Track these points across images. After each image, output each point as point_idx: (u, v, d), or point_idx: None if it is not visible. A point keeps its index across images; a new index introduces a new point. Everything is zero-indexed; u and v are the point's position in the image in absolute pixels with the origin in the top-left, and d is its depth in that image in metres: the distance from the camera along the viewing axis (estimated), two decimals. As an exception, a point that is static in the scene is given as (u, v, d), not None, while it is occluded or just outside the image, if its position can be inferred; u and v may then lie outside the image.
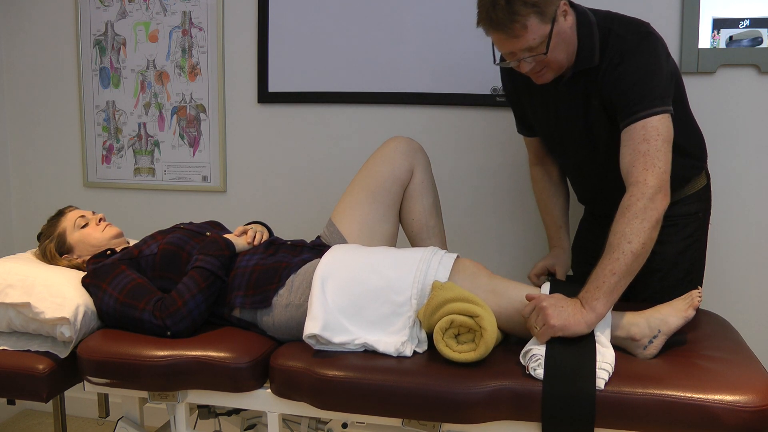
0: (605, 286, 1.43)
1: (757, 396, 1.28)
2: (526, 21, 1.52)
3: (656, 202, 1.46)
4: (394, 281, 1.56)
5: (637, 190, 1.47)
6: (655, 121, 1.51)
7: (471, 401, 1.37)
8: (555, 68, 1.64)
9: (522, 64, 1.62)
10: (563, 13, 1.58)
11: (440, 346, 1.45)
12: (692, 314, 1.47)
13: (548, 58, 1.59)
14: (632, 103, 1.54)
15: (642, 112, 1.52)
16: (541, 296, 1.48)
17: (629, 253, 1.43)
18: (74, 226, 1.91)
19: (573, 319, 1.42)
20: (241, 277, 1.71)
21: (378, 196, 1.87)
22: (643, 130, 1.51)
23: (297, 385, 1.49)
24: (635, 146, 1.51)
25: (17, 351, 1.66)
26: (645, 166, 1.48)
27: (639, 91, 1.54)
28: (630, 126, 1.54)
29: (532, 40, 1.55)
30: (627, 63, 1.57)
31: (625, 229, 1.44)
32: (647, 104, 1.53)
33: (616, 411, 1.32)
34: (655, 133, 1.50)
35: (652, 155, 1.49)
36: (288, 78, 2.51)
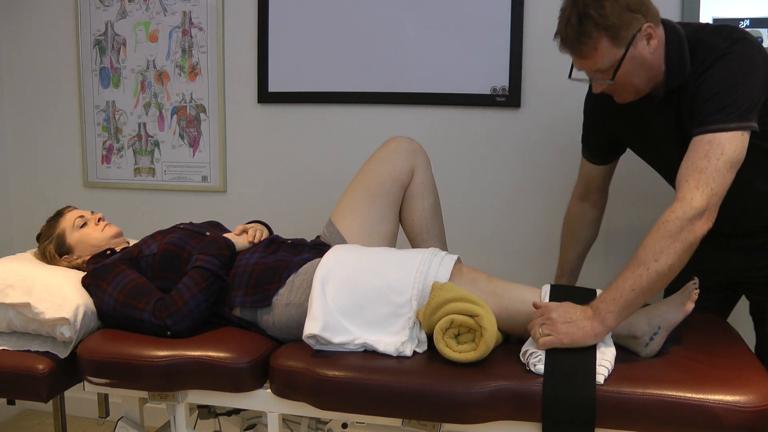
0: (622, 300, 1.39)
1: (757, 396, 1.28)
2: (597, 43, 1.47)
3: (696, 225, 1.37)
4: (395, 282, 1.56)
5: (680, 207, 1.38)
6: (723, 138, 1.40)
7: (471, 401, 1.37)
8: (631, 91, 1.57)
9: (594, 83, 1.57)
10: (646, 37, 1.50)
11: (440, 346, 1.45)
12: (691, 308, 1.47)
13: (621, 82, 1.53)
14: (706, 113, 1.43)
15: (712, 125, 1.41)
16: (550, 305, 1.46)
17: (653, 272, 1.37)
18: (73, 227, 1.91)
19: (581, 332, 1.40)
20: (242, 276, 1.71)
21: (378, 196, 1.87)
22: (707, 146, 1.40)
23: (297, 385, 1.49)
24: (694, 160, 1.41)
25: (17, 351, 1.66)
26: (697, 184, 1.38)
27: (717, 101, 1.43)
28: (697, 137, 1.43)
29: (601, 63, 1.50)
30: (714, 68, 1.46)
31: (655, 246, 1.38)
32: (721, 117, 1.41)
33: (616, 411, 1.32)
34: (719, 152, 1.39)
35: (708, 174, 1.38)
36: (288, 78, 2.51)
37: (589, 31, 1.46)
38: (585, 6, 1.47)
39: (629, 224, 2.25)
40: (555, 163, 2.32)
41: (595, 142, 1.84)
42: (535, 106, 2.32)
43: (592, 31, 1.46)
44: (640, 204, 1.99)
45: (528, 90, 2.32)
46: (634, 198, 2.19)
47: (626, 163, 1.90)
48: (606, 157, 1.84)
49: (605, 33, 1.46)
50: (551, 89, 2.28)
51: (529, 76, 2.31)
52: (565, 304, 1.46)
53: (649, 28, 1.49)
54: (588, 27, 1.46)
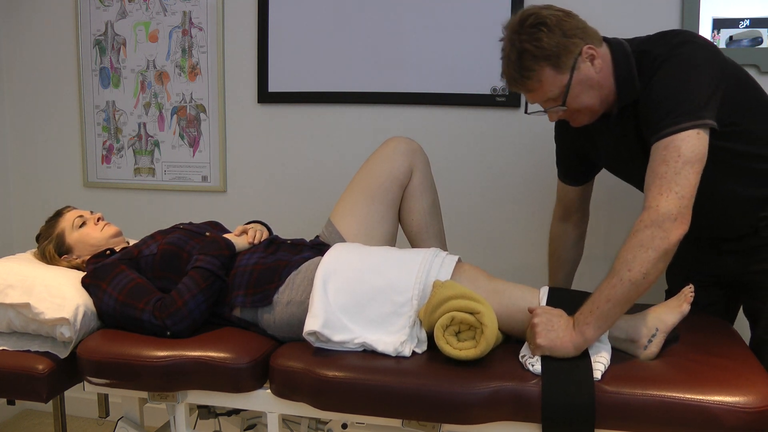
0: (598, 311, 1.38)
1: (757, 397, 1.28)
2: (540, 75, 1.49)
3: (667, 231, 1.35)
4: (396, 281, 1.56)
5: (647, 215, 1.37)
6: (677, 139, 1.39)
7: (471, 402, 1.37)
8: (587, 113, 1.58)
9: (549, 114, 1.58)
10: (588, 59, 1.51)
11: (441, 343, 1.45)
12: (687, 309, 1.47)
13: (573, 107, 1.54)
14: (657, 119, 1.43)
15: (664, 129, 1.40)
16: (538, 311, 1.45)
17: (627, 282, 1.36)
18: (72, 227, 1.91)
19: (560, 342, 1.39)
20: (242, 276, 1.71)
21: (377, 196, 1.87)
22: (664, 150, 1.40)
23: (297, 386, 1.49)
24: (654, 167, 1.41)
25: (17, 351, 1.66)
26: (660, 189, 1.37)
27: (665, 106, 1.42)
28: (653, 145, 1.42)
29: (549, 92, 1.52)
30: (656, 76, 1.46)
31: (627, 256, 1.37)
32: (672, 120, 1.40)
33: (616, 412, 1.32)
34: (676, 154, 1.38)
35: (669, 178, 1.37)
36: (288, 78, 2.51)
37: (530, 65, 1.49)
38: (521, 42, 1.49)
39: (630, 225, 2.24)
40: (555, 163, 2.32)
41: (567, 164, 1.86)
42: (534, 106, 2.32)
43: (532, 64, 1.49)
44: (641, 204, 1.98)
45: (528, 90, 2.32)
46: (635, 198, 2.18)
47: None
48: (579, 178, 1.86)
49: (546, 63, 1.49)
50: (551, 89, 2.28)
51: (529, 76, 2.31)
52: (553, 311, 1.45)
53: (590, 49, 1.51)
54: (527, 61, 1.49)
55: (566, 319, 1.43)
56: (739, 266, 1.68)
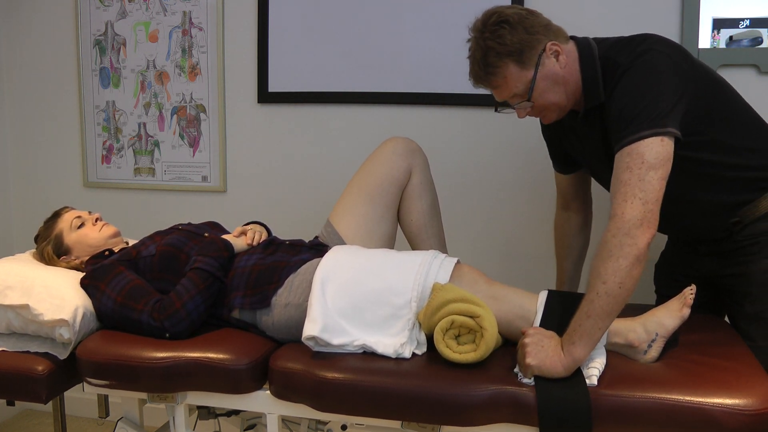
0: (581, 329, 1.36)
1: (757, 399, 1.28)
2: (504, 71, 1.52)
3: (635, 237, 1.34)
4: (395, 284, 1.56)
5: (614, 224, 1.37)
6: (641, 146, 1.38)
7: (470, 404, 1.37)
8: (554, 110, 1.59)
9: (517, 110, 1.60)
10: (553, 54, 1.53)
11: (440, 347, 1.45)
12: (687, 313, 1.47)
13: (539, 103, 1.56)
14: (619, 129, 1.43)
15: (627, 137, 1.40)
16: (530, 331, 1.44)
17: (604, 295, 1.34)
18: (71, 227, 1.90)
19: (550, 361, 1.38)
20: (240, 277, 1.71)
21: (376, 197, 1.87)
22: (627, 158, 1.39)
23: (296, 387, 1.49)
24: (618, 175, 1.40)
25: (16, 352, 1.66)
26: (624, 197, 1.37)
27: (627, 115, 1.43)
28: (617, 153, 1.42)
29: (515, 88, 1.54)
30: (618, 86, 1.48)
31: (599, 268, 1.36)
32: (634, 128, 1.40)
33: (614, 414, 1.32)
34: (639, 161, 1.38)
35: (632, 185, 1.37)
36: (288, 78, 2.51)
37: (494, 62, 1.52)
38: (484, 40, 1.52)
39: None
40: (555, 163, 2.32)
41: (554, 155, 1.89)
42: (535, 107, 2.32)
43: (497, 60, 1.51)
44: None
45: (528, 90, 2.32)
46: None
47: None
48: (568, 168, 1.88)
49: (510, 59, 1.51)
50: (551, 89, 2.28)
51: (529, 77, 2.31)
52: (544, 333, 1.44)
53: (554, 45, 1.53)
54: (491, 58, 1.52)
55: (556, 341, 1.41)
56: (718, 267, 1.69)
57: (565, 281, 1.96)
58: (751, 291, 1.63)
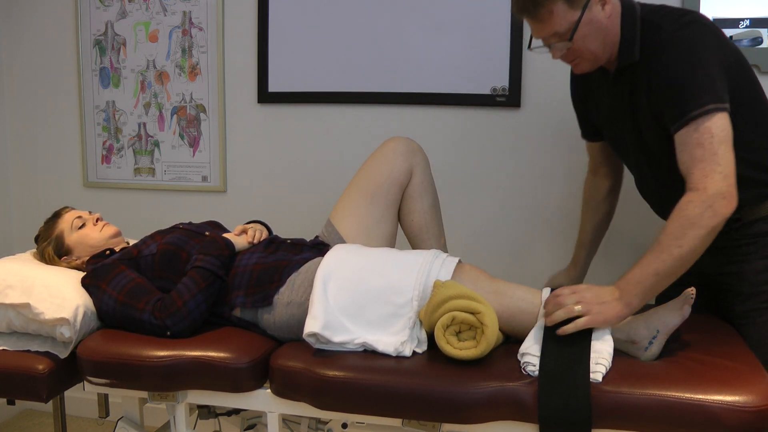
0: (646, 283, 1.43)
1: (757, 396, 1.28)
2: (552, 6, 1.50)
3: (717, 209, 1.39)
4: (396, 282, 1.56)
5: (697, 196, 1.41)
6: (707, 121, 1.41)
7: (470, 401, 1.37)
8: (589, 58, 1.59)
9: (552, 50, 1.58)
10: (600, 2, 1.53)
11: (441, 343, 1.45)
12: (688, 311, 1.47)
13: (578, 47, 1.55)
14: (681, 103, 1.45)
15: (692, 112, 1.43)
16: (580, 286, 1.48)
17: (678, 258, 1.40)
18: (71, 228, 1.90)
19: (613, 313, 1.43)
20: (242, 276, 1.71)
21: (376, 196, 1.87)
22: (695, 133, 1.42)
23: (297, 386, 1.49)
24: (690, 153, 1.43)
25: (17, 351, 1.66)
26: (704, 172, 1.41)
27: (688, 88, 1.44)
28: (681, 130, 1.45)
29: (558, 26, 1.52)
30: (669, 54, 1.48)
31: (677, 232, 1.40)
32: (697, 103, 1.43)
33: (615, 411, 1.32)
34: (708, 135, 1.41)
35: (708, 160, 1.40)
36: (288, 78, 2.51)
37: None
38: None
39: (630, 225, 2.25)
40: (555, 163, 2.32)
41: (582, 120, 1.91)
42: (535, 106, 2.33)
43: None
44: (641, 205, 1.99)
45: (528, 90, 2.32)
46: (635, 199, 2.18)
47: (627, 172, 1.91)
48: (595, 135, 1.89)
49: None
50: (551, 89, 2.28)
51: (529, 76, 2.31)
52: (590, 286, 1.48)
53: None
54: None
55: (610, 291, 1.46)
56: (713, 264, 1.68)
57: (585, 242, 1.98)
58: (742, 290, 1.65)
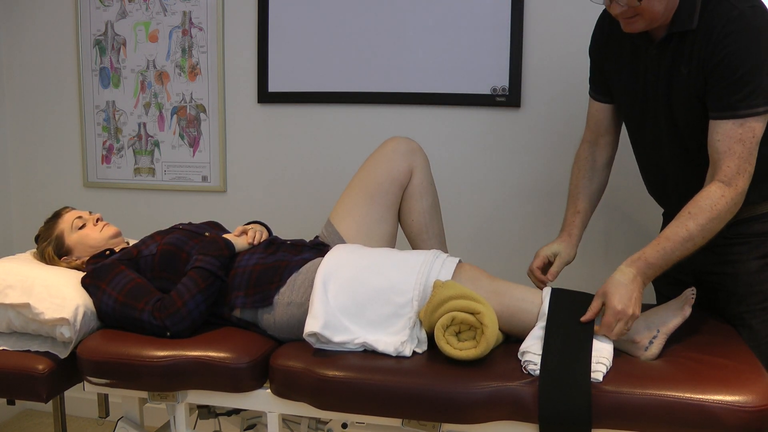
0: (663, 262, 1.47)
1: (757, 396, 1.28)
2: None
3: (737, 207, 1.47)
4: (396, 282, 1.56)
5: (730, 193, 1.45)
6: (753, 121, 1.44)
7: (471, 401, 1.37)
8: (648, 18, 1.50)
9: (614, 4, 1.51)
10: None
11: (441, 344, 1.45)
12: (689, 312, 1.48)
13: (644, 6, 1.47)
14: (734, 95, 1.44)
15: (744, 110, 1.43)
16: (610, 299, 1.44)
17: (700, 242, 1.46)
18: (72, 228, 1.90)
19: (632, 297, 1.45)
20: (241, 276, 1.71)
21: (376, 197, 1.87)
22: (740, 129, 1.44)
23: (297, 385, 1.50)
24: (731, 145, 1.45)
25: (17, 351, 1.66)
26: (738, 169, 1.44)
27: (746, 84, 1.43)
28: (726, 120, 1.45)
29: None
30: (737, 39, 1.43)
31: (708, 225, 1.44)
32: (752, 102, 1.43)
33: (615, 411, 1.32)
34: (751, 135, 1.44)
35: (744, 159, 1.44)
36: (288, 78, 2.51)
37: None
38: None
39: (629, 225, 2.25)
40: (555, 163, 2.32)
41: (596, 77, 1.81)
42: (535, 106, 2.33)
43: None
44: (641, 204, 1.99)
45: (528, 90, 2.32)
46: (635, 199, 2.19)
47: (626, 164, 1.90)
48: (604, 93, 1.80)
49: None
50: (551, 89, 2.28)
51: (529, 76, 2.31)
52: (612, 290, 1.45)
53: None
54: None
55: (631, 280, 1.46)
56: (705, 263, 1.69)
57: (580, 210, 1.82)
58: (737, 291, 1.65)
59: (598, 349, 1.41)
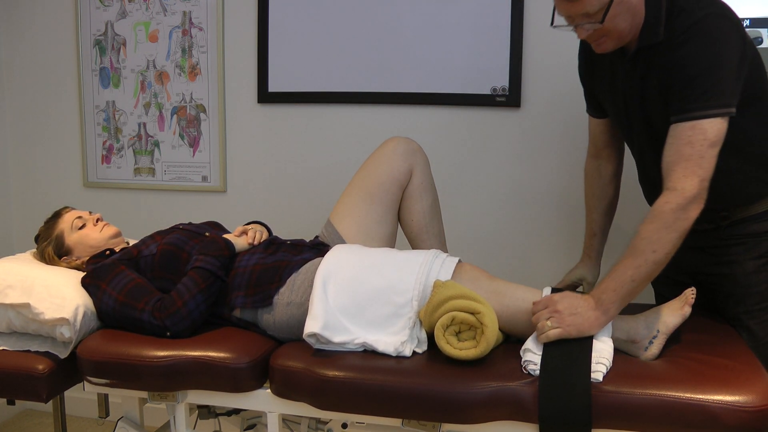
0: (623, 290, 1.42)
1: (757, 396, 1.28)
2: None
3: (689, 212, 1.40)
4: (396, 282, 1.56)
5: (674, 197, 1.41)
6: (705, 123, 1.41)
7: (470, 401, 1.37)
8: (615, 38, 1.53)
9: (579, 29, 1.54)
10: None
11: (441, 343, 1.45)
12: (688, 311, 1.48)
13: (607, 27, 1.50)
14: (687, 98, 1.43)
15: (694, 111, 1.42)
16: (554, 297, 1.47)
17: (652, 263, 1.40)
18: (72, 228, 1.90)
19: (587, 323, 1.42)
20: (241, 276, 1.71)
21: (376, 197, 1.87)
22: (690, 131, 1.42)
23: (297, 386, 1.50)
24: (679, 147, 1.43)
25: (17, 351, 1.66)
26: (685, 172, 1.41)
27: (698, 86, 1.43)
28: (679, 123, 1.44)
29: (590, 7, 1.48)
30: (692, 44, 1.44)
31: (652, 237, 1.40)
32: (702, 104, 1.42)
33: (615, 411, 1.32)
34: (702, 137, 1.41)
35: (693, 161, 1.40)
36: (288, 78, 2.51)
37: None
38: None
39: (629, 225, 2.25)
40: (555, 163, 2.32)
41: (589, 94, 1.85)
42: (535, 106, 2.33)
43: None
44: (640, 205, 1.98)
45: (528, 90, 2.32)
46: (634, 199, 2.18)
47: (625, 163, 1.90)
48: (600, 110, 1.84)
49: None
50: (551, 89, 2.28)
51: (529, 76, 2.31)
52: (567, 295, 1.47)
53: None
54: None
55: (584, 300, 1.45)
56: (701, 264, 1.69)
57: (596, 231, 1.90)
58: (734, 292, 1.65)
59: (598, 350, 1.42)
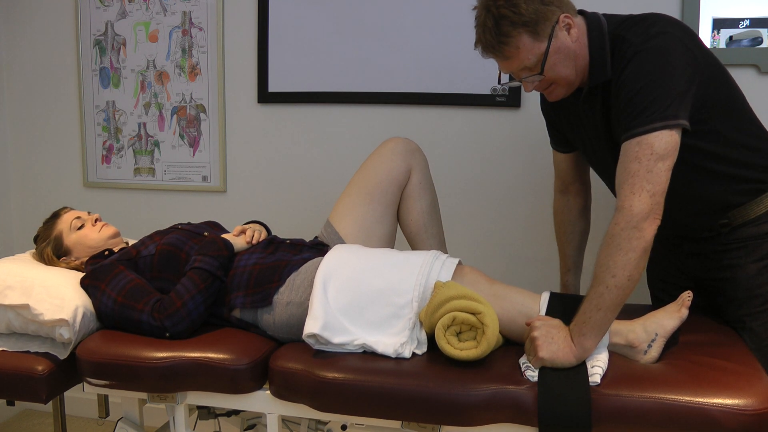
0: (591, 321, 1.39)
1: (757, 399, 1.28)
2: (518, 41, 1.46)
3: (642, 230, 1.36)
4: (396, 283, 1.56)
5: (622, 217, 1.37)
6: (651, 137, 1.37)
7: (470, 404, 1.37)
8: (564, 85, 1.55)
9: (525, 83, 1.55)
10: (565, 27, 1.49)
11: (442, 343, 1.45)
12: (686, 314, 1.47)
13: (550, 77, 1.51)
14: (630, 116, 1.41)
15: (638, 127, 1.39)
16: (536, 323, 1.45)
17: (614, 288, 1.36)
18: (70, 228, 1.90)
19: (562, 354, 1.40)
20: (241, 276, 1.71)
21: (375, 197, 1.87)
22: (636, 147, 1.38)
23: (296, 387, 1.49)
24: (626, 165, 1.39)
25: (16, 352, 1.66)
26: (632, 189, 1.37)
27: (638, 103, 1.40)
28: (626, 142, 1.41)
29: (527, 60, 1.49)
30: (631, 66, 1.43)
31: (608, 262, 1.37)
32: (645, 119, 1.39)
33: (614, 414, 1.32)
34: (649, 152, 1.37)
35: (641, 177, 1.36)
36: (288, 78, 2.51)
37: (508, 31, 1.46)
38: (498, 8, 1.46)
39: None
40: (555, 163, 2.32)
41: (553, 130, 1.85)
42: (535, 106, 2.32)
43: (511, 30, 1.46)
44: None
45: (528, 90, 2.31)
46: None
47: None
48: (567, 145, 1.83)
49: (524, 29, 1.46)
50: (551, 89, 2.28)
51: (529, 77, 2.30)
52: (551, 322, 1.45)
53: (567, 18, 1.49)
54: (505, 27, 1.46)
55: (565, 331, 1.43)
56: (702, 269, 1.68)
57: (570, 267, 1.92)
58: (736, 296, 1.63)
59: (592, 357, 1.42)
